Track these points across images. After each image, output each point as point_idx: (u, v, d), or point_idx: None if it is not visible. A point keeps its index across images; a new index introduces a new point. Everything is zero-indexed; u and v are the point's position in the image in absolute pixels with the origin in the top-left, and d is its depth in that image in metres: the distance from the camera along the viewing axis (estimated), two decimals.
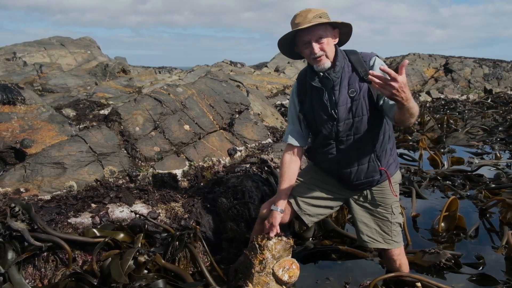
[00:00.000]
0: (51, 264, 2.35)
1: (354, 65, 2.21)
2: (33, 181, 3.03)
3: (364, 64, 2.20)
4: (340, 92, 2.20)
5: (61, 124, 3.66)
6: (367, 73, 2.08)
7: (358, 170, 2.30)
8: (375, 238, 2.43)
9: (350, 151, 2.27)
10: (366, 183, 2.36)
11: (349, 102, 2.19)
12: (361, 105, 2.18)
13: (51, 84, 7.42)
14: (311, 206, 2.45)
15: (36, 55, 10.71)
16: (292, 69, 17.53)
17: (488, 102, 12.25)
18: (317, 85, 2.24)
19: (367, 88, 2.18)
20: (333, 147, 2.30)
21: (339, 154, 2.30)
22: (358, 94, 2.17)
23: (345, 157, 2.29)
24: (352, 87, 2.19)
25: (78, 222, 2.57)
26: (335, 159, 2.32)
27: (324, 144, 2.33)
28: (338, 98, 2.20)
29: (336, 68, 2.19)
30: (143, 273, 2.33)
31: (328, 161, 2.36)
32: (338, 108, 2.20)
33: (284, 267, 2.14)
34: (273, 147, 4.34)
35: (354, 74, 2.20)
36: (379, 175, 2.35)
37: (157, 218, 2.75)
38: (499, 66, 18.53)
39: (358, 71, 2.19)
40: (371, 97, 2.19)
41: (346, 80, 2.20)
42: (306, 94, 2.33)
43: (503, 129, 8.06)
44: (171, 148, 3.78)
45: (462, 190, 4.45)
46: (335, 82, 2.20)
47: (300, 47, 2.24)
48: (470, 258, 2.95)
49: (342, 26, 2.22)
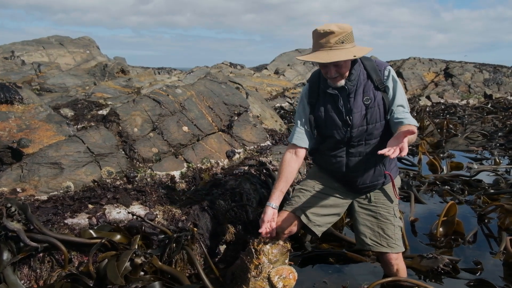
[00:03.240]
0: (46, 265, 2.33)
1: (369, 73, 2.24)
2: (30, 181, 3.01)
3: (379, 73, 2.24)
4: (355, 99, 2.23)
5: (59, 124, 3.65)
6: (381, 83, 2.21)
7: (365, 174, 2.33)
8: (379, 242, 2.42)
9: (359, 155, 2.30)
10: (371, 186, 2.40)
11: (364, 109, 2.22)
12: (375, 112, 2.22)
13: (49, 83, 7.40)
14: (320, 217, 2.43)
15: (35, 54, 10.70)
16: (292, 71, 17.55)
17: (488, 107, 12.26)
18: (332, 93, 2.25)
19: (381, 97, 2.22)
20: (343, 151, 2.32)
21: (348, 158, 2.32)
22: (373, 102, 2.21)
23: (353, 162, 2.31)
24: (367, 95, 2.22)
25: (74, 222, 2.55)
26: (343, 163, 2.34)
27: (334, 147, 2.34)
28: (353, 105, 2.22)
29: (352, 77, 2.21)
30: (140, 275, 2.32)
31: (335, 164, 2.36)
32: (353, 115, 2.22)
33: (281, 275, 2.12)
34: (271, 149, 4.32)
35: (369, 82, 2.24)
36: (384, 178, 2.40)
37: (155, 219, 2.73)
38: (499, 72, 18.55)
39: (373, 79, 2.23)
40: (385, 105, 2.23)
41: (361, 88, 2.23)
42: (318, 97, 2.34)
43: (503, 135, 8.06)
44: (169, 149, 3.76)
45: (461, 195, 4.44)
46: (351, 90, 2.22)
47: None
48: (468, 263, 2.94)
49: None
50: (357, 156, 2.30)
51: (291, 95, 12.19)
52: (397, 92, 2.24)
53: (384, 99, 2.22)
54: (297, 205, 2.42)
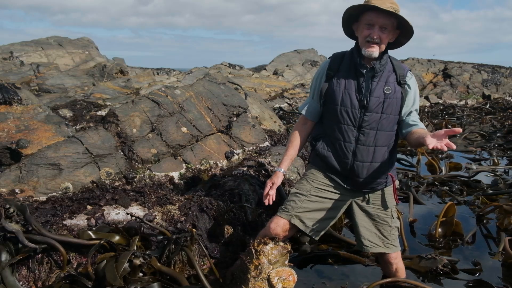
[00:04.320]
0: (45, 266, 2.32)
1: (395, 67, 2.31)
2: (29, 182, 3.00)
3: (403, 71, 2.31)
4: (378, 84, 2.26)
5: (58, 125, 3.64)
6: (404, 79, 2.28)
7: (370, 166, 2.31)
8: (376, 243, 2.43)
9: (368, 145, 2.29)
10: (373, 183, 2.37)
11: (382, 97, 2.25)
12: (392, 104, 2.26)
13: (48, 84, 7.39)
14: (317, 221, 2.41)
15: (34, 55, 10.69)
16: (291, 72, 17.55)
17: (487, 107, 12.29)
18: (361, 68, 2.26)
19: (401, 92, 2.27)
20: (353, 135, 2.29)
21: (357, 146, 2.30)
22: (392, 94, 2.26)
23: (361, 150, 2.30)
24: (389, 85, 2.26)
25: (73, 224, 2.54)
26: (351, 150, 2.31)
27: (344, 132, 2.31)
28: (374, 88, 2.25)
29: (382, 61, 2.26)
30: (138, 276, 2.31)
31: (342, 151, 2.33)
32: (371, 98, 2.24)
33: (281, 276, 2.11)
34: (270, 150, 4.32)
35: (393, 75, 2.29)
36: (386, 179, 2.40)
37: (153, 220, 2.73)
38: (497, 72, 18.59)
39: (397, 74, 2.28)
40: (402, 102, 2.29)
41: (385, 77, 2.27)
42: (338, 71, 2.34)
43: (501, 135, 8.08)
44: (168, 150, 3.76)
45: (459, 195, 4.45)
46: (377, 73, 2.25)
47: (360, 24, 2.26)
48: (467, 264, 2.95)
49: (403, 31, 2.27)
50: (366, 145, 2.28)
51: (290, 96, 12.19)
52: (417, 97, 2.35)
53: (403, 95, 2.28)
54: (293, 211, 2.38)
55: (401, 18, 2.17)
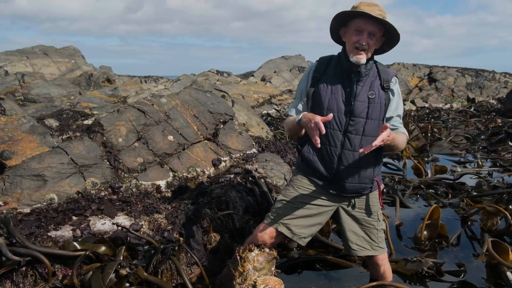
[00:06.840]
0: (30, 279, 2.29)
1: (380, 72, 2.34)
2: (12, 194, 2.97)
3: (388, 76, 2.35)
4: (362, 88, 2.29)
5: (42, 135, 3.61)
6: (388, 84, 2.32)
7: (355, 172, 2.33)
8: (364, 246, 2.45)
9: (354, 150, 2.30)
10: (358, 188, 2.38)
11: (367, 102, 2.28)
12: (376, 109, 2.29)
13: (34, 94, 7.32)
14: (304, 228, 2.41)
15: (18, 65, 10.58)
16: (279, 78, 17.65)
17: (471, 110, 12.49)
18: (347, 71, 2.29)
19: (384, 97, 2.31)
20: (338, 140, 2.30)
21: (342, 151, 2.31)
22: (376, 98, 2.29)
23: (347, 155, 2.31)
24: (373, 89, 2.30)
25: (58, 235, 2.52)
26: (336, 155, 2.31)
27: (330, 135, 2.30)
28: (359, 93, 2.28)
29: (368, 66, 2.29)
30: (125, 286, 2.30)
31: (328, 156, 2.33)
32: (355, 102, 2.27)
33: (267, 285, 2.10)
34: (257, 157, 4.34)
35: (377, 80, 2.33)
36: (371, 184, 2.40)
37: (140, 230, 2.72)
38: (481, 76, 18.94)
39: (382, 79, 2.32)
40: (386, 106, 2.33)
41: (369, 82, 2.31)
42: (324, 74, 2.36)
43: (485, 138, 8.21)
44: (154, 159, 3.75)
45: (444, 198, 4.51)
46: (362, 78, 2.29)
47: (349, 30, 2.28)
48: (452, 266, 2.98)
49: (389, 39, 2.32)
50: (351, 150, 2.30)
51: (277, 102, 12.25)
52: (400, 102, 2.39)
53: (386, 100, 2.32)
54: (279, 218, 2.38)
55: (390, 26, 2.21)
